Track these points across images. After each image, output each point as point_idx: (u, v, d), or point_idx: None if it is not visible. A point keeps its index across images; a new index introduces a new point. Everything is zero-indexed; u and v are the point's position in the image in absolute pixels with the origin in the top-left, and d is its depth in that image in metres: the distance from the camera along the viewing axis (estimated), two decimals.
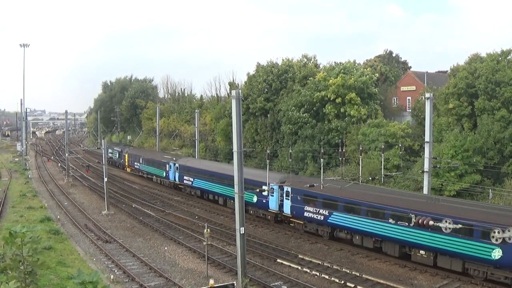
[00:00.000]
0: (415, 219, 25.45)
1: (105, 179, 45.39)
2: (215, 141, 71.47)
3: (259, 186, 35.23)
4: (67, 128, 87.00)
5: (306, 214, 33.94)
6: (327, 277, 26.60)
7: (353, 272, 27.14)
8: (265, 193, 35.84)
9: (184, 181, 51.28)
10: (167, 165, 55.14)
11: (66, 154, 70.69)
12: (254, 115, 62.42)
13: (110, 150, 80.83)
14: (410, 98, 57.74)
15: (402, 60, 74.74)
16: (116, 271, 28.15)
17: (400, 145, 43.88)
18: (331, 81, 51.05)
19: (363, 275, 26.62)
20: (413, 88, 58.11)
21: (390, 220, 27.27)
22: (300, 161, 52.27)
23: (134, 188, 58.92)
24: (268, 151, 40.32)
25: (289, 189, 35.34)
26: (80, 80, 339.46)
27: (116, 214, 44.55)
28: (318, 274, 27.14)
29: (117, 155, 78.09)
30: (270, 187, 36.25)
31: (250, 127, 61.72)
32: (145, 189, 58.60)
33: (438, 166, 36.80)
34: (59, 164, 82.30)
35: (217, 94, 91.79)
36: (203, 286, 24.02)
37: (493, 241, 22.94)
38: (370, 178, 40.18)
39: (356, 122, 49.87)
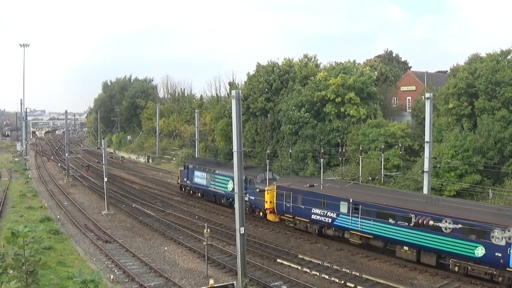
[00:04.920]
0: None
1: (105, 179, 45.39)
2: (215, 141, 71.53)
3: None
4: (67, 128, 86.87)
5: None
6: (327, 277, 26.62)
7: (353, 272, 27.16)
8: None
9: None
10: None
11: (66, 154, 70.66)
12: (254, 115, 62.45)
13: (199, 174, 48.34)
14: (410, 98, 57.79)
15: (402, 60, 74.86)
16: (116, 271, 28.16)
17: (400, 145, 43.93)
18: (331, 81, 51.10)
19: (363, 275, 26.63)
20: (413, 88, 58.17)
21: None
22: (300, 161, 52.30)
23: (134, 188, 58.89)
24: (268, 151, 40.33)
25: None
26: (80, 80, 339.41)
27: (116, 214, 44.55)
28: (318, 274, 27.15)
29: (228, 186, 43.31)
30: None
31: (250, 127, 61.74)
32: (145, 189, 58.59)
33: (438, 166, 36.83)
34: (59, 164, 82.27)
35: (217, 94, 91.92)
36: (203, 286, 24.02)
37: None
38: (370, 178, 40.25)
39: (356, 122, 49.92)
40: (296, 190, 35.47)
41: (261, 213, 39.57)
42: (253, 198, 39.91)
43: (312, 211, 33.74)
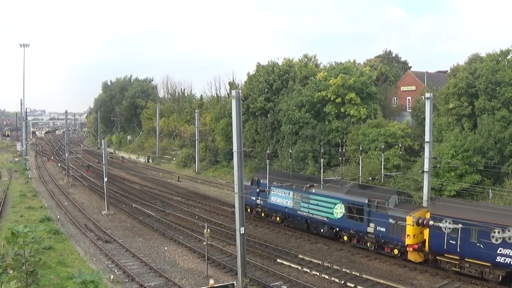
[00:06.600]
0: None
1: (105, 179, 45.39)
2: (215, 141, 71.53)
3: None
4: (67, 128, 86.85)
5: None
6: (327, 277, 26.62)
7: (353, 272, 27.16)
8: None
9: None
10: None
11: (66, 154, 70.68)
12: (254, 115, 62.45)
13: (281, 192, 36.76)
14: (410, 98, 57.78)
15: (402, 60, 74.87)
16: (116, 271, 28.17)
17: (400, 145, 43.90)
18: (331, 81, 51.08)
19: (363, 275, 26.64)
20: (413, 88, 58.17)
21: None
22: (300, 161, 52.32)
23: (134, 188, 58.89)
24: (268, 151, 40.26)
25: None
26: (80, 80, 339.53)
27: (116, 214, 44.55)
28: (318, 274, 27.15)
29: (335, 211, 32.20)
30: None
31: (250, 127, 61.75)
32: (145, 189, 58.58)
33: (438, 166, 36.78)
34: (59, 164, 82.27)
35: (217, 94, 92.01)
36: (203, 286, 24.03)
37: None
38: (370, 178, 40.22)
39: (356, 122, 49.91)
40: (469, 222, 24.40)
41: (396, 251, 28.75)
42: (382, 229, 28.98)
43: (498, 251, 23.93)
